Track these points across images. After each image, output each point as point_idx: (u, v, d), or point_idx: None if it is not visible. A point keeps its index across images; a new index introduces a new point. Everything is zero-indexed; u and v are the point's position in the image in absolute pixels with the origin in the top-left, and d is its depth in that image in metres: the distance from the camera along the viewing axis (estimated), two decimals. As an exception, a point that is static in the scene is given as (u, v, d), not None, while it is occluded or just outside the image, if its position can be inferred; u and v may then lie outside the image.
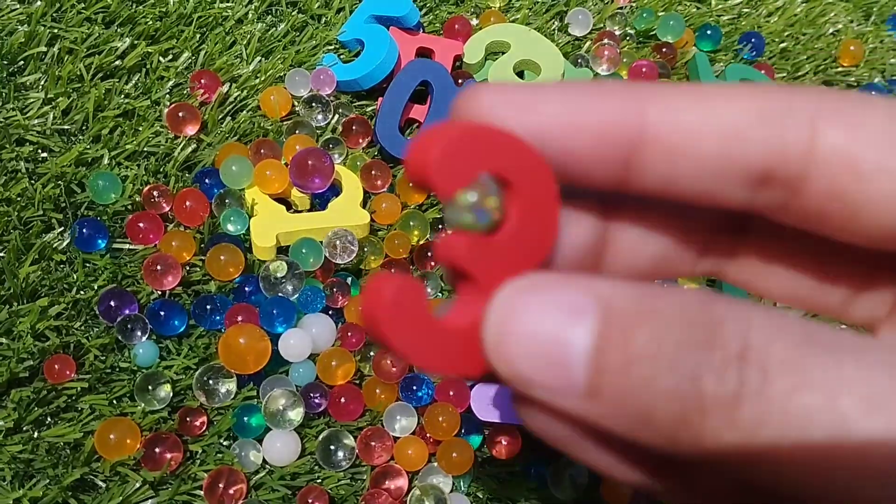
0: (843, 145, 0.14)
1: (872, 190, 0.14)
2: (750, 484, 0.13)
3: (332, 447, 0.30)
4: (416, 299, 0.14)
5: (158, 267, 0.31)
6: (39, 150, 0.34)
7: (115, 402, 0.30)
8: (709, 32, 0.46)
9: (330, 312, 0.33)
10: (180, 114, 0.35)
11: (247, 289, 0.33)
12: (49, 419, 0.30)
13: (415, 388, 0.32)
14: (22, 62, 0.35)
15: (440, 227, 0.36)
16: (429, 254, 0.35)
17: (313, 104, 0.38)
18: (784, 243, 0.17)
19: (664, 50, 0.45)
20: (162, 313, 0.31)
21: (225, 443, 0.31)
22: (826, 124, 0.14)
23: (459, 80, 0.40)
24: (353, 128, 0.37)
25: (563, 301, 0.13)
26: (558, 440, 0.15)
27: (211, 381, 0.30)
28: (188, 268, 0.33)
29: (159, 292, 0.32)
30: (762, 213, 0.15)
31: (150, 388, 0.30)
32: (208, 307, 0.32)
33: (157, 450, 0.29)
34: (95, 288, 0.32)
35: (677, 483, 0.16)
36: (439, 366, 0.14)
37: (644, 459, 0.15)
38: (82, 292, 0.32)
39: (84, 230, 0.32)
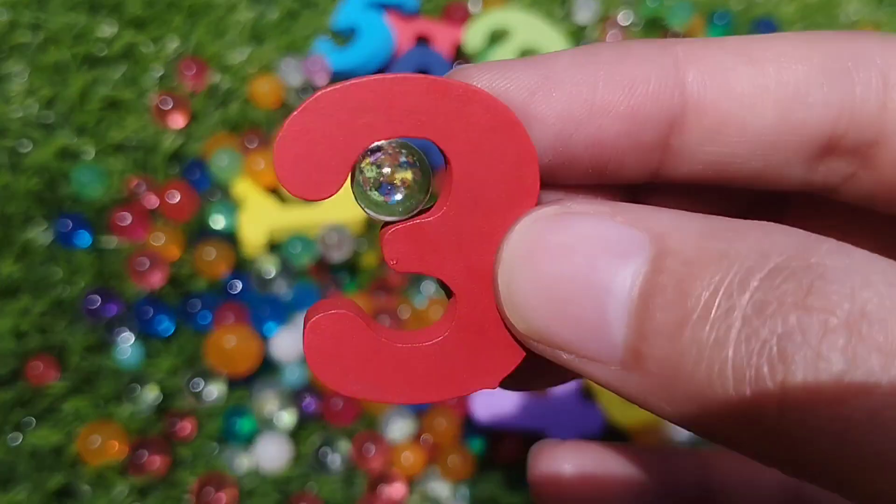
0: None
1: None
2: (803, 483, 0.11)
3: (326, 452, 0.29)
4: (348, 330, 0.12)
5: (145, 264, 0.30)
6: (21, 142, 0.33)
7: (100, 404, 0.29)
8: (719, 20, 0.45)
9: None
10: (168, 104, 0.34)
11: (236, 286, 0.32)
12: (31, 422, 0.29)
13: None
14: (4, 51, 0.34)
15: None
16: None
17: (306, 93, 0.36)
18: (836, 218, 0.14)
19: (672, 38, 0.43)
20: (148, 312, 0.30)
21: (214, 446, 0.30)
22: None
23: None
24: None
25: (606, 235, 0.10)
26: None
27: (199, 383, 0.29)
28: (177, 265, 0.32)
29: (146, 290, 0.31)
30: (819, 191, 0.13)
31: (136, 389, 0.29)
32: (197, 306, 0.31)
33: (143, 454, 0.28)
34: (82, 285, 0.31)
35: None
36: (396, 396, 0.12)
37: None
38: (66, 290, 0.31)
39: (67, 226, 0.31)
